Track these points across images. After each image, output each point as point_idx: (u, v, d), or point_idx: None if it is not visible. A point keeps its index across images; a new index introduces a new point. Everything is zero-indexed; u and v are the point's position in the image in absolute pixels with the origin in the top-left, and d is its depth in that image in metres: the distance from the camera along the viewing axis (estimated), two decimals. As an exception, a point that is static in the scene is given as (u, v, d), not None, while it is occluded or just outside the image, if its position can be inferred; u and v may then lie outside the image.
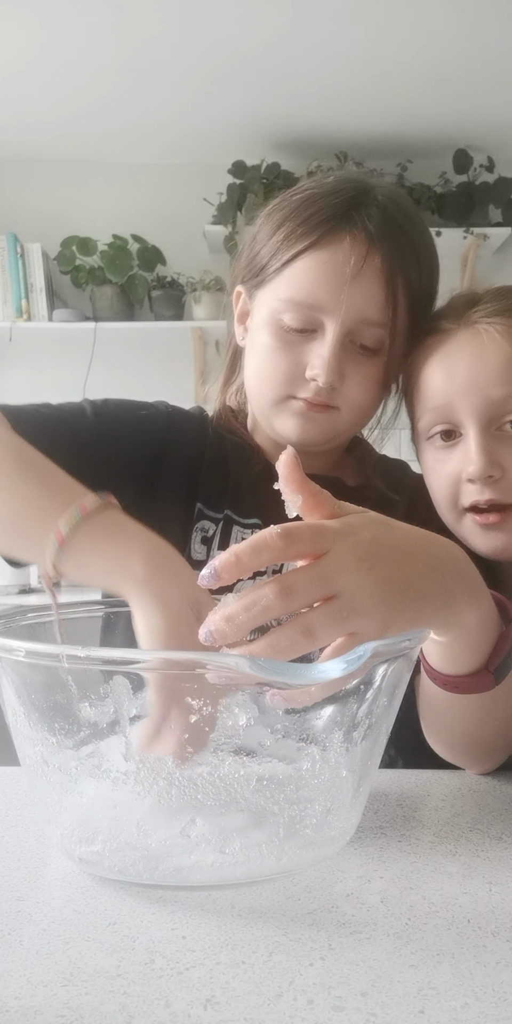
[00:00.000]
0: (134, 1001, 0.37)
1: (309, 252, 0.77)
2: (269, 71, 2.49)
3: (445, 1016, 0.36)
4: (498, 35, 2.32)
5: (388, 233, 0.77)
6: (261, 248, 0.82)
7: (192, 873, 0.47)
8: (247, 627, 0.43)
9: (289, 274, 0.78)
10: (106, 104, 2.69)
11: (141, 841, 0.48)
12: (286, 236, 0.79)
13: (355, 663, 0.42)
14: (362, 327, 0.77)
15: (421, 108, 2.71)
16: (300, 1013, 0.36)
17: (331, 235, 0.76)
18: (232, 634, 0.43)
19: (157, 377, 3.05)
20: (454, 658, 0.57)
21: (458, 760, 0.69)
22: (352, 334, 0.78)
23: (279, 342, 0.79)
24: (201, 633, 0.43)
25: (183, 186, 3.06)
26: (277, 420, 0.82)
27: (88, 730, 0.48)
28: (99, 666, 0.46)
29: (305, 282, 0.77)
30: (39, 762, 0.51)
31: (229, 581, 0.44)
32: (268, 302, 0.80)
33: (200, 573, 0.44)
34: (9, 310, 2.87)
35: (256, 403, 0.86)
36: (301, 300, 0.77)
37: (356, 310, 0.76)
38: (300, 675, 0.42)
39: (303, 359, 0.78)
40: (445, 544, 0.53)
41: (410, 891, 0.47)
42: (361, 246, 0.76)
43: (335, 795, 0.51)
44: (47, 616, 0.61)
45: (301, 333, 0.78)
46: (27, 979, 0.38)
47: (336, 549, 0.45)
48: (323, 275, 0.76)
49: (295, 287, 0.78)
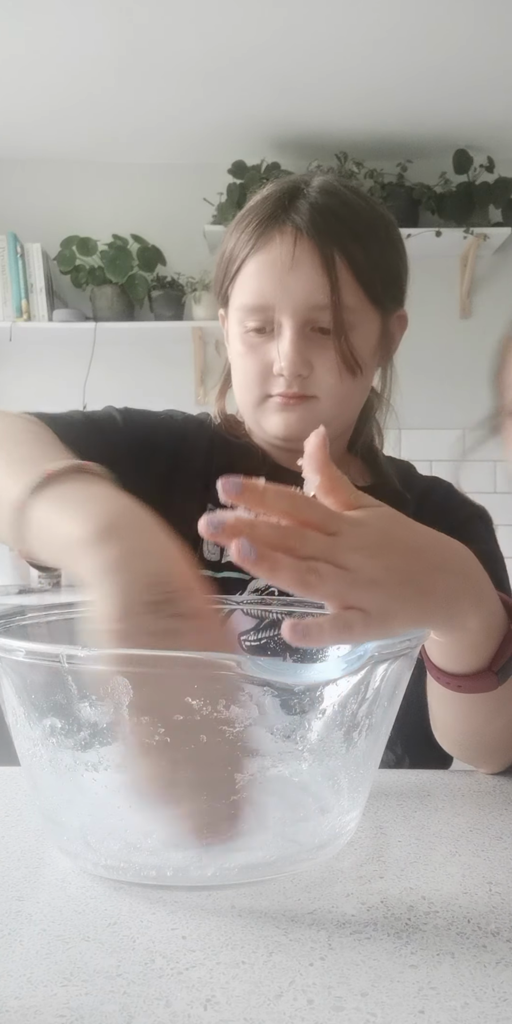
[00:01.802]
0: (134, 1001, 0.37)
1: (248, 259, 0.83)
2: (269, 71, 2.49)
3: (445, 1016, 0.36)
4: (498, 35, 2.32)
5: (317, 221, 0.81)
6: (222, 268, 0.88)
7: (192, 873, 0.47)
8: (263, 540, 0.42)
9: (239, 283, 0.85)
10: (106, 104, 2.69)
11: (141, 841, 0.48)
12: (231, 250, 0.85)
13: (355, 663, 0.42)
14: (313, 312, 0.80)
15: (421, 108, 2.71)
16: (300, 1013, 0.36)
17: (264, 237, 0.82)
18: (244, 532, 0.42)
19: (157, 377, 3.05)
20: (456, 657, 0.57)
21: (467, 759, 0.69)
22: (307, 322, 0.81)
23: (246, 347, 0.84)
24: (207, 518, 0.42)
25: (183, 186, 3.05)
26: (263, 420, 0.85)
27: (88, 730, 0.48)
28: (99, 666, 0.46)
29: (250, 287, 0.83)
30: (39, 762, 0.51)
31: (247, 502, 0.44)
32: (233, 314, 0.86)
33: (225, 479, 0.43)
34: (9, 310, 2.87)
35: (243, 410, 0.89)
36: (252, 304, 0.82)
37: (301, 297, 0.80)
38: (300, 675, 0.42)
39: (269, 357, 0.83)
40: (453, 545, 0.53)
41: (410, 891, 0.47)
42: (289, 239, 0.81)
43: (335, 795, 0.51)
44: (47, 616, 0.61)
45: (263, 334, 0.83)
46: (27, 979, 0.38)
47: (344, 533, 0.46)
48: (262, 276, 0.82)
49: (245, 293, 0.83)
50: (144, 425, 0.89)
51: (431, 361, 2.96)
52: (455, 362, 3.07)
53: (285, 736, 0.52)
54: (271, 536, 0.43)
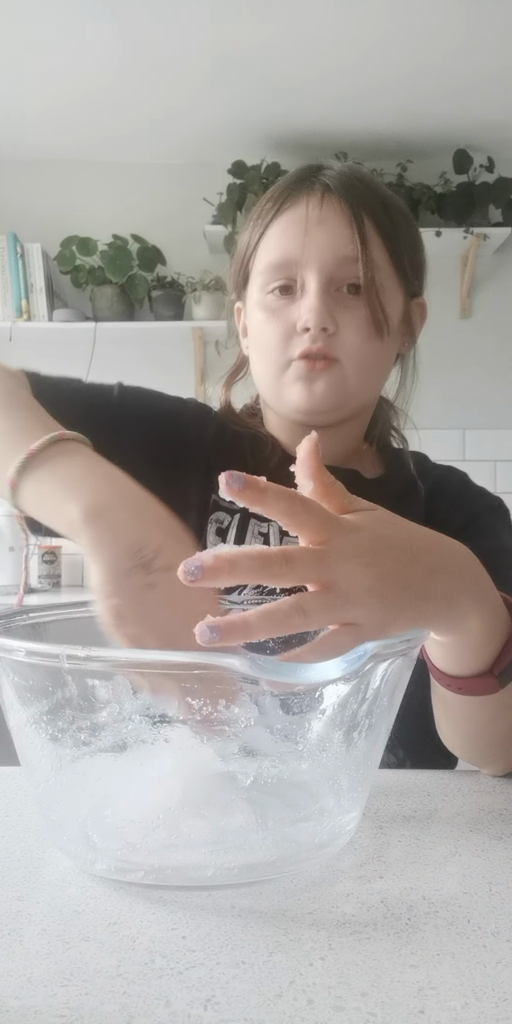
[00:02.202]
0: (134, 1001, 0.37)
1: (274, 220, 0.82)
2: (269, 71, 2.49)
3: (445, 1016, 0.36)
4: (498, 35, 2.32)
5: (346, 182, 0.81)
6: (240, 253, 0.87)
7: (192, 873, 0.47)
8: (246, 576, 0.42)
9: (262, 247, 0.83)
10: (106, 104, 2.69)
11: (141, 841, 0.48)
12: (254, 223, 0.84)
13: (355, 663, 0.42)
14: (339, 266, 0.80)
15: (421, 108, 2.71)
16: (300, 1013, 0.36)
17: (291, 198, 0.82)
18: (227, 576, 0.41)
19: (157, 377, 3.00)
20: (457, 659, 0.56)
21: (471, 760, 0.68)
22: (333, 279, 0.80)
23: (269, 312, 0.83)
24: (187, 564, 0.41)
25: (183, 186, 3.06)
26: (285, 391, 0.83)
27: (88, 731, 0.48)
28: (99, 666, 0.46)
29: (275, 244, 0.82)
30: (39, 762, 0.51)
31: (246, 499, 0.43)
32: (253, 286, 0.85)
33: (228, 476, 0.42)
34: (9, 310, 2.87)
35: (265, 386, 0.87)
36: (276, 261, 0.81)
37: (328, 250, 0.79)
38: (300, 675, 0.42)
39: (293, 317, 0.81)
40: (452, 545, 0.52)
41: (410, 891, 0.47)
42: (317, 196, 0.81)
43: (335, 795, 0.51)
44: (47, 616, 0.61)
45: (287, 295, 0.82)
46: (27, 979, 0.38)
47: (339, 540, 0.45)
48: (289, 231, 0.81)
49: (268, 253, 0.82)
50: (142, 405, 0.88)
51: (431, 361, 2.95)
52: (455, 362, 3.07)
53: (285, 736, 0.52)
54: (253, 569, 0.42)
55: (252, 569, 0.42)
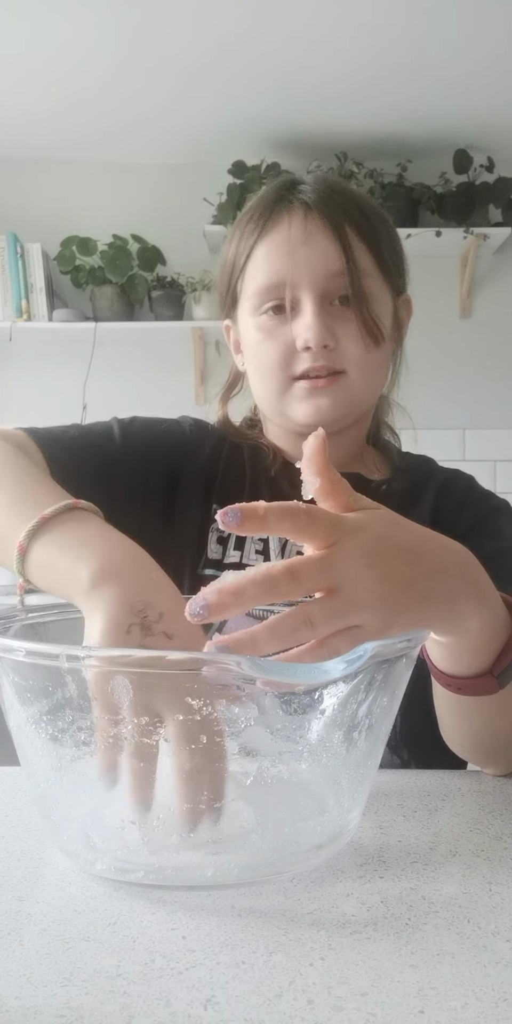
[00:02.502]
0: (134, 1001, 0.37)
1: (257, 244, 0.83)
2: (269, 71, 2.49)
3: (445, 1016, 0.36)
4: (498, 35, 2.32)
5: (323, 196, 0.82)
6: (226, 276, 0.88)
7: (192, 873, 0.47)
8: (252, 602, 0.42)
9: (249, 271, 0.84)
10: (106, 104, 2.69)
11: (141, 841, 0.48)
12: (237, 247, 0.85)
13: (355, 663, 0.42)
14: (330, 281, 0.80)
15: (421, 108, 2.71)
16: (300, 1013, 0.36)
17: (272, 220, 0.82)
18: (234, 607, 0.42)
19: (157, 377, 3.05)
20: (457, 659, 0.57)
21: (473, 760, 0.69)
22: (326, 294, 0.81)
23: (263, 333, 0.83)
24: (192, 604, 0.42)
25: (183, 186, 3.06)
26: (289, 409, 0.84)
27: (88, 731, 0.48)
28: (99, 666, 0.46)
29: (264, 267, 0.82)
30: (39, 762, 0.51)
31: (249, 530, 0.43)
32: (245, 309, 0.85)
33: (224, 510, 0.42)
34: (9, 310, 2.87)
35: (267, 404, 0.87)
36: (265, 284, 0.82)
37: (317, 267, 0.80)
38: (300, 675, 0.42)
39: (289, 338, 0.82)
40: (454, 548, 0.53)
41: (410, 891, 0.47)
42: (299, 215, 0.81)
43: (335, 795, 0.51)
44: (47, 616, 0.61)
45: (282, 315, 0.82)
46: (27, 979, 0.38)
47: (343, 542, 0.45)
48: (275, 253, 0.81)
49: (257, 277, 0.83)
50: (144, 441, 0.88)
51: (431, 361, 2.96)
52: (455, 362, 3.08)
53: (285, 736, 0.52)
54: (259, 595, 0.42)
55: (258, 595, 0.42)
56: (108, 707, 0.45)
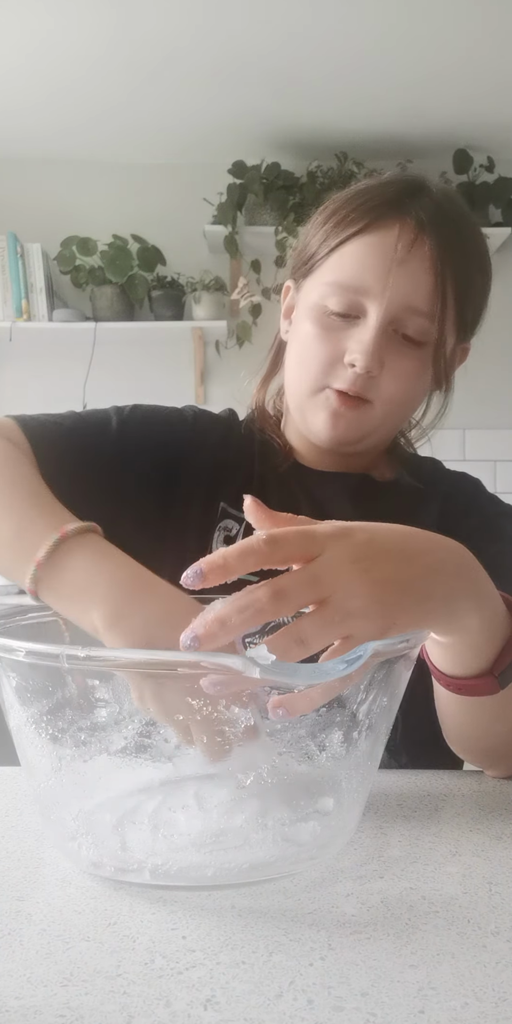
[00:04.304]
0: (134, 1001, 0.37)
1: (358, 236, 0.77)
2: (269, 71, 2.49)
3: (445, 1016, 0.36)
4: (498, 35, 2.32)
5: (440, 223, 0.76)
6: (311, 240, 0.82)
7: (192, 873, 0.47)
8: (240, 629, 0.42)
9: (336, 258, 0.78)
10: (106, 104, 2.69)
11: (141, 841, 0.48)
12: (335, 224, 0.79)
13: (355, 663, 0.42)
14: (407, 315, 0.76)
15: (421, 108, 2.71)
16: (300, 1013, 0.36)
17: (381, 220, 0.76)
18: (222, 636, 0.42)
19: (157, 377, 3.05)
20: (457, 660, 0.56)
21: (475, 761, 0.68)
22: (396, 322, 0.76)
23: (321, 328, 0.79)
24: (183, 638, 0.42)
25: (183, 186, 3.06)
26: (310, 414, 0.81)
27: (88, 730, 0.48)
28: (99, 666, 0.46)
29: (351, 265, 0.77)
30: (39, 762, 0.51)
31: (214, 583, 0.43)
32: (314, 289, 0.80)
33: (185, 572, 0.43)
34: (9, 310, 2.87)
35: (293, 394, 0.84)
36: (346, 283, 0.76)
37: (402, 295, 0.75)
38: (300, 675, 0.42)
39: (343, 345, 0.77)
40: (449, 546, 0.52)
41: (410, 891, 0.47)
42: (410, 231, 0.75)
43: (335, 795, 0.51)
44: (47, 616, 0.61)
45: (344, 319, 0.77)
46: (27, 979, 0.38)
47: (328, 551, 0.44)
48: (370, 257, 0.76)
49: (341, 270, 0.77)
50: (141, 427, 0.85)
51: (431, 361, 2.95)
52: (455, 362, 3.07)
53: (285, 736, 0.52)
54: (246, 621, 0.42)
55: (245, 621, 0.42)
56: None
